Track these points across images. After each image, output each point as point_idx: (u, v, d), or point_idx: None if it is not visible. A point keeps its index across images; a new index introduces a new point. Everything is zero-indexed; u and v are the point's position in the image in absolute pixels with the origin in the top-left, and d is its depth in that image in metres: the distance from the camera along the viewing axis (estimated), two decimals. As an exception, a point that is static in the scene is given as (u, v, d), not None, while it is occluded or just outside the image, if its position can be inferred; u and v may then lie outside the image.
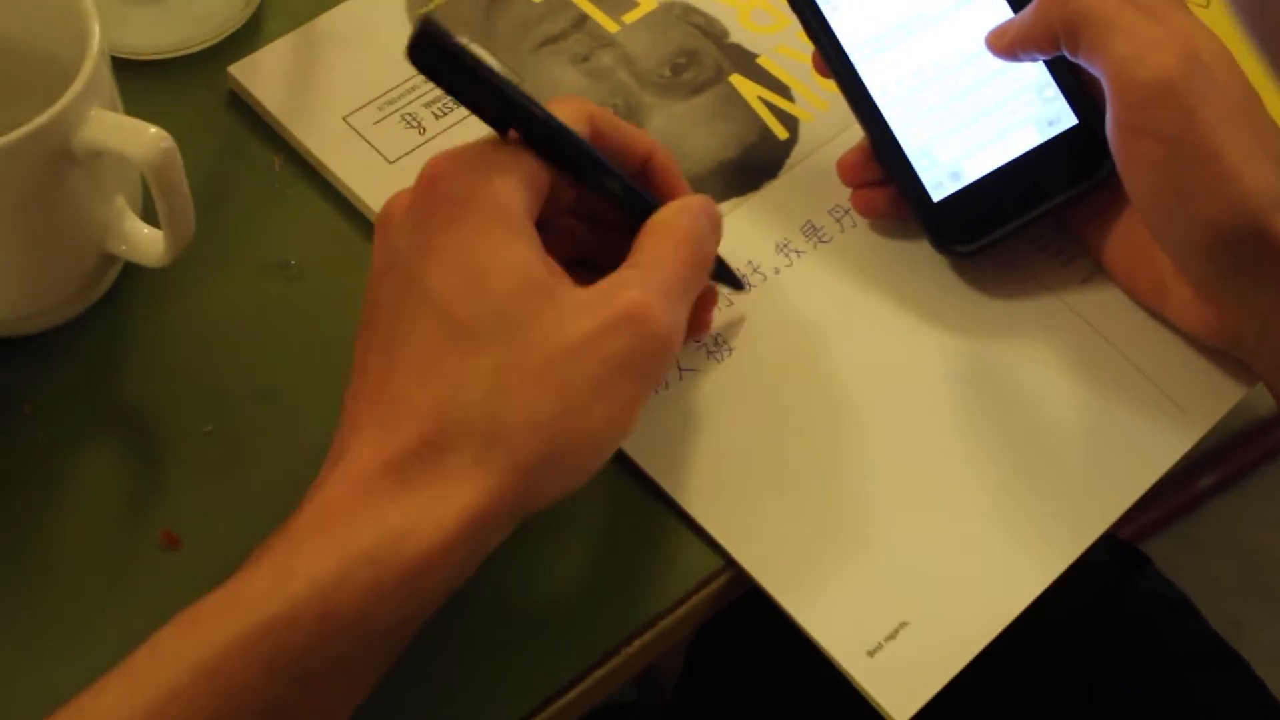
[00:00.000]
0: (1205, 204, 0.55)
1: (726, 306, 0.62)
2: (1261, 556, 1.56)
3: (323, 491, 0.47)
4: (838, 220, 0.65)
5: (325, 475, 0.48)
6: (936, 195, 0.62)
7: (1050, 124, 0.63)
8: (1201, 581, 1.52)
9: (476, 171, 0.49)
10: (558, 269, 0.50)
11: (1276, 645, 1.43)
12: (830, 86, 0.64)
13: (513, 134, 0.52)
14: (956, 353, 0.62)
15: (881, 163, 0.62)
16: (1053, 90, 0.63)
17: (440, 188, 0.49)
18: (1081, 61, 0.57)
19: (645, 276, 0.50)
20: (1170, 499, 1.46)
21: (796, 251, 0.64)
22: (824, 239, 0.65)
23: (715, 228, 0.54)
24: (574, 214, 0.57)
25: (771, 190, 0.66)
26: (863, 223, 0.65)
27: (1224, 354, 0.62)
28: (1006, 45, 0.60)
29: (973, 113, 0.62)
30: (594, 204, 0.55)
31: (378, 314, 0.50)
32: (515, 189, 0.50)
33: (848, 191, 0.66)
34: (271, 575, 0.45)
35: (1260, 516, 1.59)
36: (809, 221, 0.65)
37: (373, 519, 0.45)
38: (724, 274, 0.59)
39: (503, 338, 0.47)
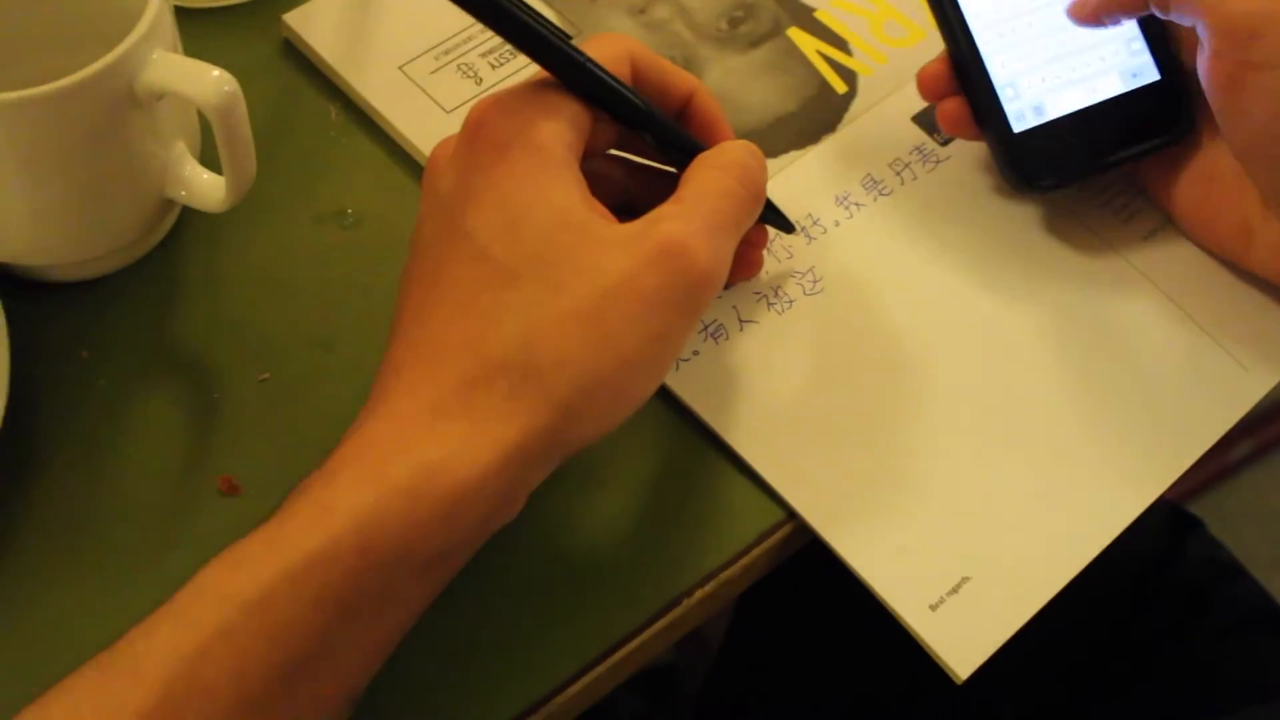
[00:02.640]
0: None
1: (786, 259, 0.62)
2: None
3: (361, 429, 0.47)
4: (898, 174, 0.65)
5: (362, 418, 0.48)
6: (1018, 127, 0.61)
7: (1134, 75, 0.62)
8: (1234, 552, 1.51)
9: (519, 114, 0.50)
10: (601, 208, 0.50)
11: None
12: (889, 40, 0.63)
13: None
14: (1016, 306, 0.61)
15: (966, 89, 0.62)
16: (1140, 44, 0.62)
17: (483, 132, 0.50)
18: (1173, 15, 0.57)
19: (686, 210, 0.49)
20: (1204, 467, 1.46)
21: (856, 204, 0.64)
22: (884, 192, 0.64)
23: (761, 168, 0.54)
24: (620, 160, 0.57)
25: (830, 143, 0.66)
26: (923, 175, 0.65)
27: (1287, 313, 0.61)
28: (1090, 11, 0.60)
29: (1061, 51, 0.62)
30: (640, 147, 0.56)
31: (419, 256, 0.51)
32: (558, 131, 0.50)
33: (908, 145, 0.65)
34: (311, 512, 0.45)
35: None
36: (869, 175, 0.65)
37: (409, 453, 0.45)
38: (773, 216, 0.59)
39: (538, 276, 0.47)
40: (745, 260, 0.59)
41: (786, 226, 0.60)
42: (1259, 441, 1.55)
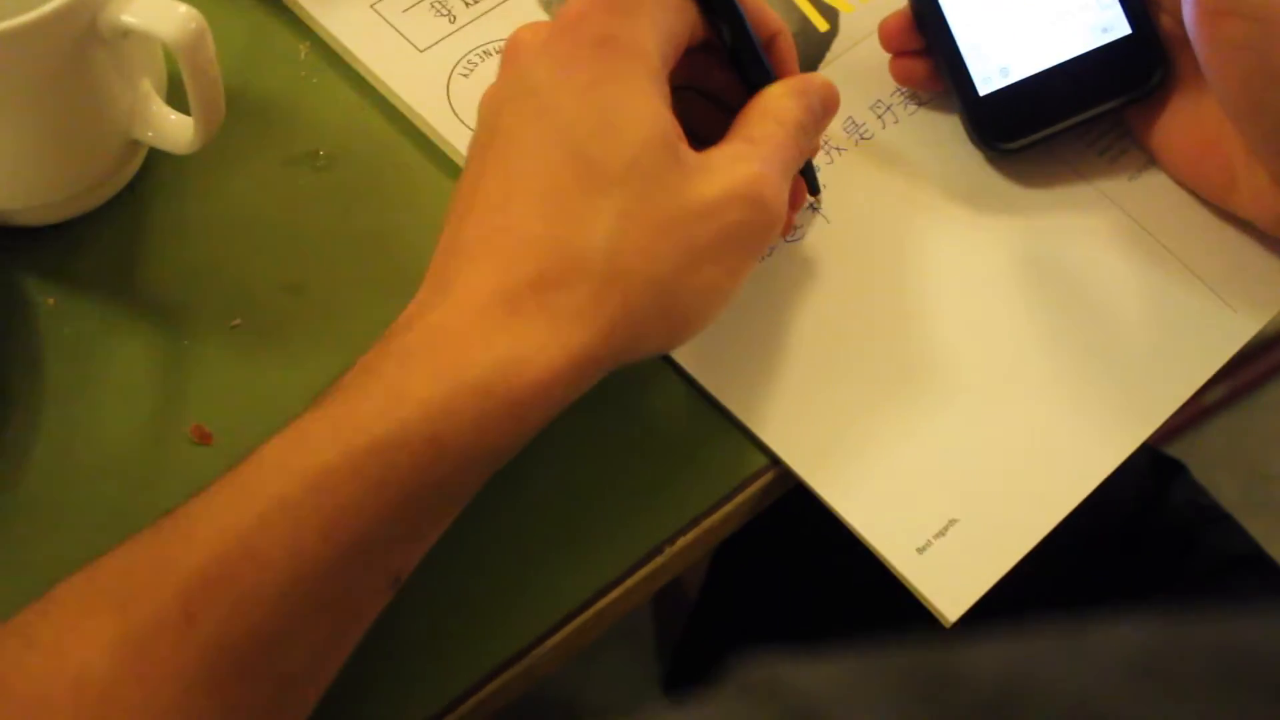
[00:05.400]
0: None
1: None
2: (1267, 471, 1.56)
3: (433, 314, 0.47)
4: (879, 116, 0.64)
5: (431, 298, 0.48)
6: (983, 89, 0.60)
7: (1104, 30, 0.61)
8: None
9: (624, 16, 0.49)
10: (680, 130, 0.50)
11: (1281, 560, 1.44)
12: (873, -24, 0.62)
13: None
14: (1000, 249, 0.61)
15: (929, 49, 0.61)
16: None
17: (585, 25, 0.49)
18: None
19: (763, 154, 0.50)
20: (1181, 411, 1.46)
21: (838, 149, 0.63)
22: (865, 135, 0.63)
23: (828, 112, 0.55)
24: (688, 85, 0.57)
25: (811, 83, 0.64)
26: (905, 118, 0.64)
27: (1274, 256, 0.61)
28: None
29: (1027, 11, 0.61)
30: (704, 76, 0.56)
31: (498, 141, 0.50)
32: (658, 41, 0.50)
33: (889, 87, 0.64)
34: (381, 397, 0.45)
35: (1265, 432, 1.58)
36: (850, 118, 0.63)
37: (484, 348, 0.45)
38: (808, 172, 0.58)
39: (632, 184, 0.47)
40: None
41: (814, 187, 0.59)
42: (1234, 384, 1.55)
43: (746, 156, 0.50)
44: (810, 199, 0.60)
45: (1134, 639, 0.28)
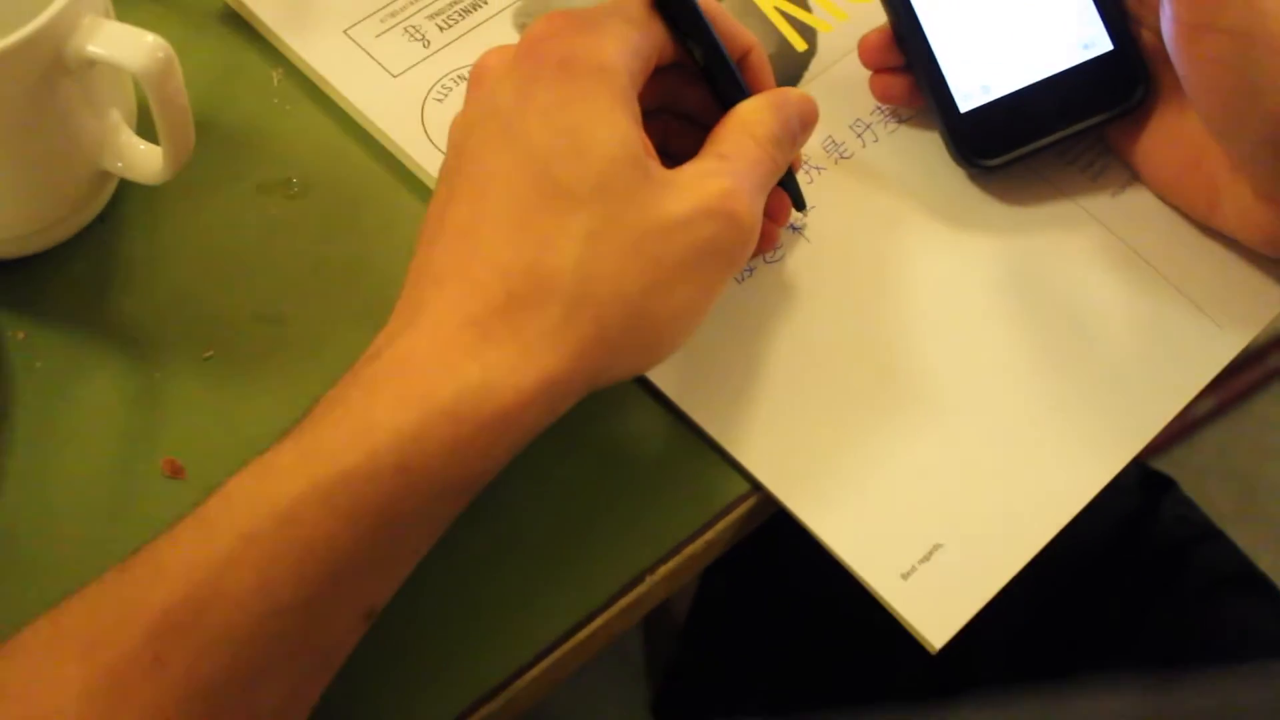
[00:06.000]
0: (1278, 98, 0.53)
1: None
2: (1257, 483, 1.55)
3: (401, 342, 0.46)
4: (859, 135, 0.63)
5: (400, 326, 0.47)
6: (964, 106, 0.60)
7: (1085, 47, 0.60)
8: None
9: (587, 35, 0.49)
10: (651, 147, 0.49)
11: (1273, 572, 1.43)
12: (850, -5, 0.61)
13: (625, 2, 0.51)
14: (983, 267, 0.60)
15: (911, 67, 0.60)
16: (1091, 12, 0.60)
17: (548, 46, 0.49)
18: None
19: (735, 169, 0.50)
20: (1169, 424, 1.46)
21: (817, 168, 0.62)
22: (844, 154, 0.63)
23: (806, 126, 0.54)
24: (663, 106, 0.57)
25: (790, 103, 0.64)
26: (884, 137, 0.63)
27: (1259, 271, 0.60)
28: None
29: (1008, 27, 0.60)
30: (677, 95, 0.55)
31: (465, 165, 0.49)
32: (624, 58, 0.49)
33: (868, 105, 0.64)
34: (349, 426, 0.44)
35: (1256, 443, 1.58)
36: (829, 137, 0.63)
37: (454, 374, 0.45)
38: (790, 185, 0.57)
39: (600, 204, 0.47)
40: (765, 234, 0.57)
41: (799, 203, 0.58)
42: (1221, 397, 1.55)
43: (717, 172, 0.50)
44: (797, 216, 0.59)
45: (1120, 710, 0.28)
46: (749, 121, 0.52)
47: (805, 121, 0.54)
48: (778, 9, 0.67)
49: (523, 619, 0.52)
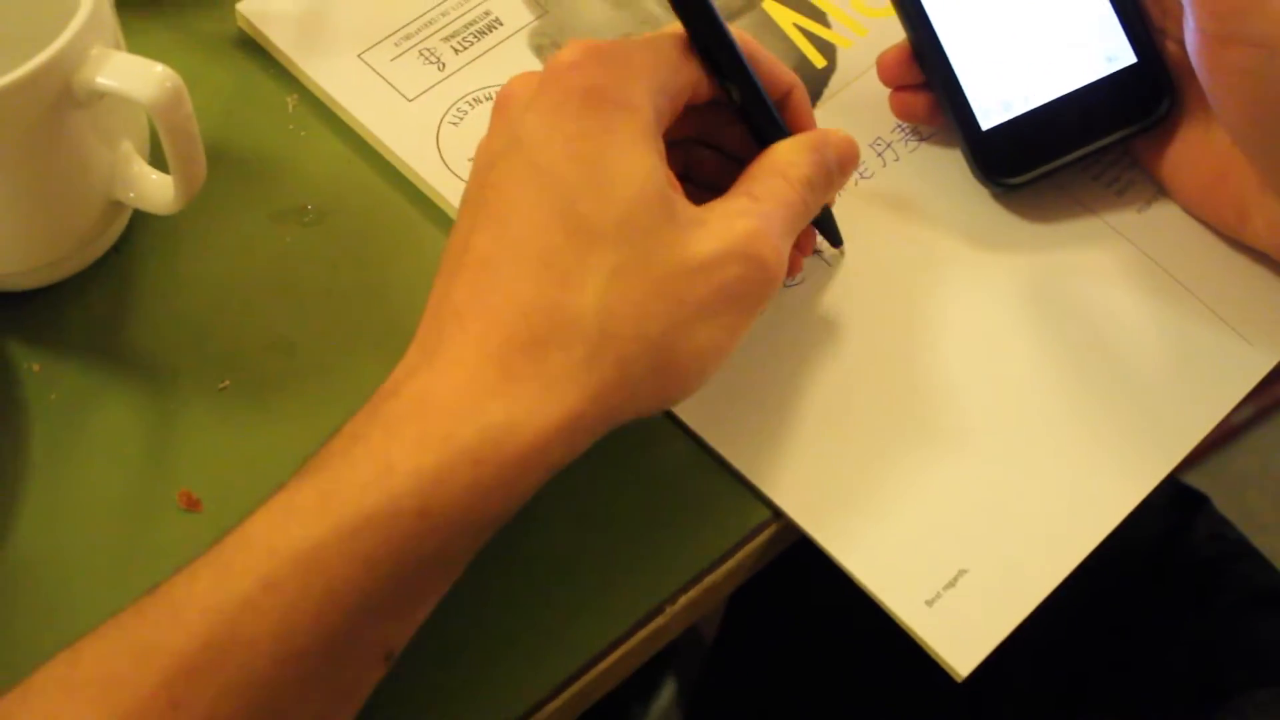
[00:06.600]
0: None
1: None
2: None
3: (421, 377, 0.45)
4: (880, 154, 0.62)
5: (419, 360, 0.46)
6: (986, 123, 0.59)
7: (1108, 60, 0.59)
8: (1237, 516, 1.50)
9: (614, 68, 0.48)
10: (677, 183, 0.49)
11: (1315, 580, 1.41)
12: (869, 11, 0.60)
13: (660, 39, 0.51)
14: (1008, 287, 0.59)
15: (931, 85, 0.59)
16: (1113, 24, 0.59)
17: (575, 75, 0.48)
18: None
19: (764, 210, 0.49)
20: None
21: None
22: (865, 174, 0.62)
23: (845, 169, 0.53)
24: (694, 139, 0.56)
25: (809, 121, 0.63)
26: (905, 155, 0.62)
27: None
28: None
29: (1029, 42, 0.59)
30: (713, 130, 0.55)
31: (488, 196, 0.48)
32: (650, 95, 0.49)
33: (890, 123, 0.63)
34: (370, 467, 0.43)
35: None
36: (850, 155, 0.62)
37: (474, 414, 0.44)
38: (826, 223, 0.57)
39: (624, 241, 0.46)
40: (791, 263, 0.57)
41: (834, 240, 0.58)
42: (1260, 404, 1.53)
43: (746, 212, 0.49)
44: (833, 253, 0.59)
45: None
46: (783, 162, 0.51)
47: (844, 163, 0.53)
48: (796, 25, 0.66)
49: (543, 649, 0.51)
